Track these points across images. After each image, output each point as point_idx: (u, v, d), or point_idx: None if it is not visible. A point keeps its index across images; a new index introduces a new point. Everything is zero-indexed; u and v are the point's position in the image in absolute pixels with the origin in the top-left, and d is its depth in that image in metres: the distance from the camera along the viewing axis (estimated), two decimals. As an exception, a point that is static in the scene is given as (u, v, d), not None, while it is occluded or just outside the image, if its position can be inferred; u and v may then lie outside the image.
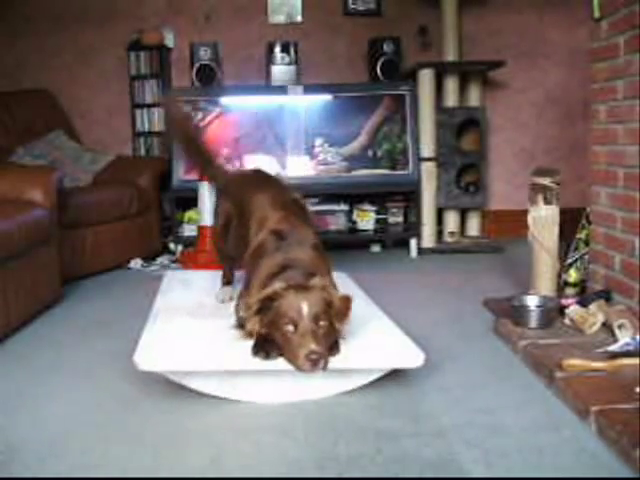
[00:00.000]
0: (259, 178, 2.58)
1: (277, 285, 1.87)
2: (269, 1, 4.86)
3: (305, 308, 1.81)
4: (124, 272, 3.93)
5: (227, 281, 2.69)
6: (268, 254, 2.07)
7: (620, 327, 2.20)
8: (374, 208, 4.52)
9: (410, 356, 1.93)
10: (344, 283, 2.68)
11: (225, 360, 1.88)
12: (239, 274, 2.52)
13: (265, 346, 1.86)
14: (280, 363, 1.84)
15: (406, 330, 2.11)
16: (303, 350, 1.75)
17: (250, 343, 1.89)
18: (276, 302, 1.84)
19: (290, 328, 1.81)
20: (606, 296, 2.51)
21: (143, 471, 1.54)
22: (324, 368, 1.77)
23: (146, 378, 1.98)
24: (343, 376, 1.93)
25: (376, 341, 2.04)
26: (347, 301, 1.91)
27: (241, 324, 2.03)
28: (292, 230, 2.12)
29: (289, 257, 2.03)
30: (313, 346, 1.75)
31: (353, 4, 4.88)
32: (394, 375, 2.00)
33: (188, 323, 2.21)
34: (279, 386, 1.91)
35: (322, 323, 1.83)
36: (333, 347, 1.89)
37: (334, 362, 1.85)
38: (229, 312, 2.26)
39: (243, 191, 2.46)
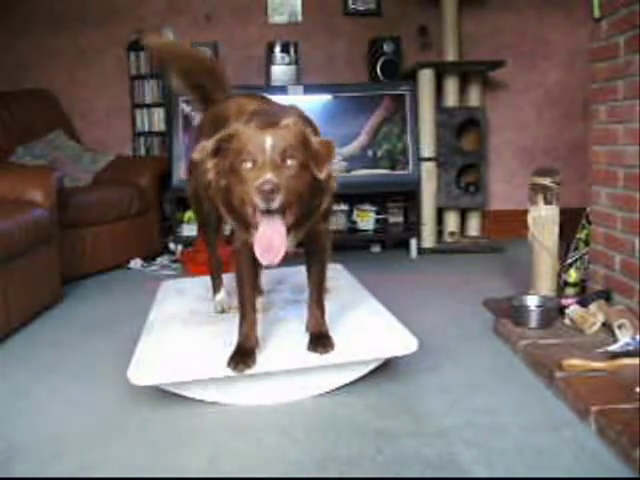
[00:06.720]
0: None
1: (238, 125, 1.60)
2: (269, 1, 4.86)
3: (269, 141, 1.50)
4: (124, 272, 3.94)
5: (212, 271, 2.39)
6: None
7: (620, 327, 2.19)
8: (374, 208, 4.52)
9: (403, 343, 1.91)
10: (339, 274, 2.69)
11: (218, 367, 1.83)
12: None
13: (236, 358, 1.80)
14: (274, 366, 1.83)
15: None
16: (256, 182, 1.44)
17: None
18: (235, 138, 1.55)
19: (248, 165, 1.50)
20: (606, 296, 2.51)
21: (143, 471, 1.54)
22: (279, 209, 1.46)
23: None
24: (338, 370, 1.92)
25: (368, 330, 2.02)
26: (329, 144, 1.62)
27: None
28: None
29: (262, 108, 1.74)
30: (269, 175, 1.44)
31: (353, 4, 4.88)
32: (394, 375, 2.00)
33: (182, 333, 2.14)
34: (277, 387, 1.90)
35: (290, 162, 1.51)
36: (327, 344, 1.84)
37: (327, 357, 1.84)
38: (221, 318, 2.26)
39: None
